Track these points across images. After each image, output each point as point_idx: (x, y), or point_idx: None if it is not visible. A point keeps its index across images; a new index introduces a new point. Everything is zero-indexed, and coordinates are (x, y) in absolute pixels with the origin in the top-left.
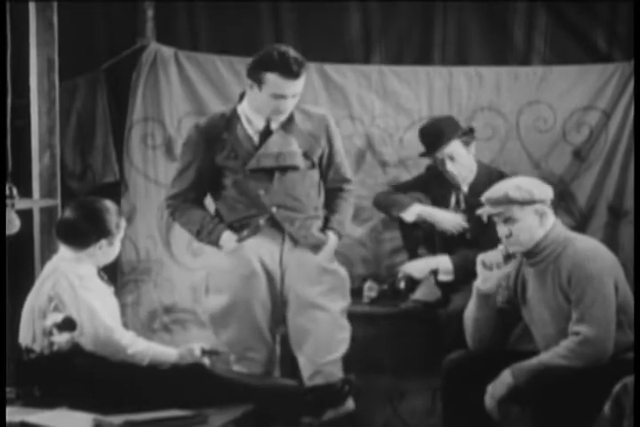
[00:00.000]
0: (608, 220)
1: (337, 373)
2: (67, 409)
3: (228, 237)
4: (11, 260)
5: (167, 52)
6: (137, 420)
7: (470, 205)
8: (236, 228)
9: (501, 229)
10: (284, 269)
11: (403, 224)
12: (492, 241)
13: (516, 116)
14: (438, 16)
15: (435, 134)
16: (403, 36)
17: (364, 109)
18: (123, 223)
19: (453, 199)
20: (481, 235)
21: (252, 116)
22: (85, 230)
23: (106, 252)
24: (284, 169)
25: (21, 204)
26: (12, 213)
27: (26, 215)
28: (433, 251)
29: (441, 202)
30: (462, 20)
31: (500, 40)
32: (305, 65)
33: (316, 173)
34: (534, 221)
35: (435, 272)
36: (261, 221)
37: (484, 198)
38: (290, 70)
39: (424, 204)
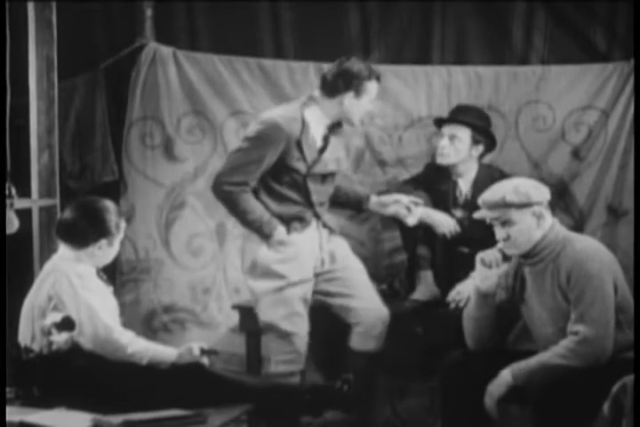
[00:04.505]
0: (607, 219)
1: None
2: (66, 409)
3: (281, 230)
4: (10, 259)
5: (166, 51)
6: (136, 419)
7: (471, 205)
8: (284, 221)
9: (499, 233)
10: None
11: (402, 224)
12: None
13: (514, 116)
14: (437, 16)
15: (470, 113)
16: (401, 36)
17: None
18: (122, 224)
19: (453, 195)
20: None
21: (318, 121)
22: (85, 230)
23: (105, 252)
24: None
25: (20, 203)
26: (11, 213)
27: (25, 215)
28: (433, 251)
29: (442, 199)
30: (461, 19)
31: (498, 39)
32: None
33: None
34: (532, 223)
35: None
36: (308, 217)
37: (480, 201)
38: (378, 77)
39: (425, 202)
